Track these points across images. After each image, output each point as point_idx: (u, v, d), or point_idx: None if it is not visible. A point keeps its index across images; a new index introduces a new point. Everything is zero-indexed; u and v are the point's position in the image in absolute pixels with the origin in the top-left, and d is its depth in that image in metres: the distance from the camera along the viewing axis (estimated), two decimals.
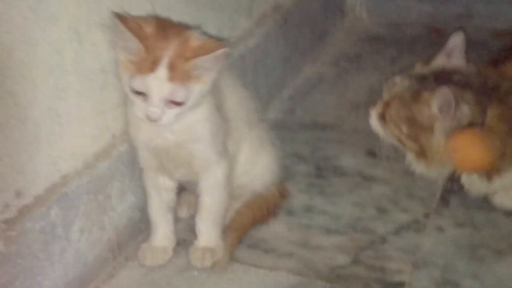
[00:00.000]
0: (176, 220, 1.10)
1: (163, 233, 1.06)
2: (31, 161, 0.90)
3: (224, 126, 1.02)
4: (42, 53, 0.89)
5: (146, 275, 1.03)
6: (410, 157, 1.13)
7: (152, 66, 0.87)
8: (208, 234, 1.05)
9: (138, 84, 0.89)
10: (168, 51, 0.88)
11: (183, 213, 1.14)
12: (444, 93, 1.02)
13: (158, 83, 0.88)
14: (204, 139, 0.98)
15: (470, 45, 1.74)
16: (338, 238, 1.09)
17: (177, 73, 0.88)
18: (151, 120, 0.90)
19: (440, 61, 1.15)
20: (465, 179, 1.13)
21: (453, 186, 1.17)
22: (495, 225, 1.10)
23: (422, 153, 1.09)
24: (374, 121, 1.15)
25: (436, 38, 1.77)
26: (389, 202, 1.17)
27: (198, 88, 0.91)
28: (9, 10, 0.83)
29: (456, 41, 1.15)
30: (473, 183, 1.12)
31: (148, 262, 1.05)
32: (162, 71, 0.88)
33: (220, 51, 0.89)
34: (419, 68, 1.15)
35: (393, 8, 1.89)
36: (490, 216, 1.12)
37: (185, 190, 1.13)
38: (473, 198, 1.15)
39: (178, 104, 0.90)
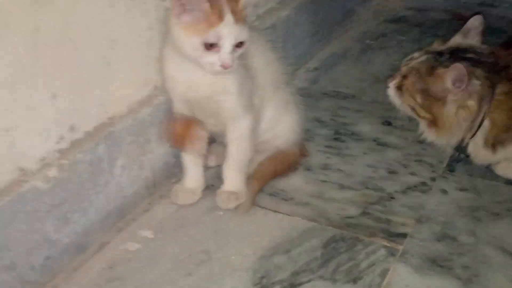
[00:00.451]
0: (206, 168, 1.22)
1: (193, 176, 1.18)
2: (84, 101, 1.03)
3: (250, 83, 1.13)
4: (99, 5, 1.01)
5: (177, 212, 1.16)
6: (423, 126, 1.23)
7: (220, 16, 0.98)
8: (233, 179, 1.17)
9: (213, 36, 0.99)
10: (222, 1, 0.99)
11: (212, 162, 1.26)
12: (458, 68, 1.12)
13: (229, 28, 0.99)
14: (231, 92, 1.08)
15: (491, 32, 1.83)
16: (350, 193, 1.20)
17: (238, 15, 1.00)
18: (226, 67, 1.00)
19: (456, 39, 1.24)
20: (471, 149, 1.23)
21: (460, 155, 1.26)
22: (495, 192, 1.19)
23: (434, 123, 1.19)
24: (392, 92, 1.25)
25: (458, 23, 1.86)
26: (399, 165, 1.28)
27: (247, 28, 1.02)
28: None
29: (475, 22, 1.24)
30: (479, 153, 1.22)
31: (179, 201, 1.18)
32: (229, 17, 0.99)
33: None
34: (437, 46, 1.25)
35: None
36: (492, 183, 1.22)
37: (215, 142, 1.24)
38: (477, 167, 1.24)
39: (240, 45, 1.01)
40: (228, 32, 1.00)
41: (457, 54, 1.19)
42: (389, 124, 1.40)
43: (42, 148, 0.97)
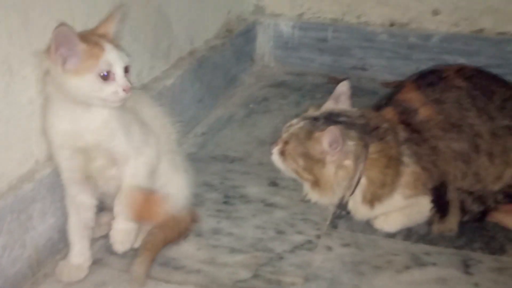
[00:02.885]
0: (93, 240, 1.19)
1: (79, 251, 1.15)
2: None
3: (139, 124, 1.14)
4: None
5: None
6: (306, 188, 1.29)
7: (100, 47, 1.02)
8: (125, 215, 1.13)
9: (104, 65, 1.01)
10: (94, 37, 1.04)
11: (99, 232, 1.23)
12: (332, 131, 1.20)
13: (114, 54, 1.03)
14: (118, 136, 1.09)
15: (363, 93, 1.99)
16: (241, 256, 1.22)
17: (114, 43, 1.04)
18: (128, 89, 1.03)
19: (329, 105, 1.33)
20: (351, 206, 1.30)
21: (341, 212, 1.34)
22: (376, 245, 1.27)
23: (316, 183, 1.26)
24: (275, 157, 1.30)
25: (333, 86, 1.99)
26: (286, 225, 1.32)
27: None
28: None
29: (343, 88, 1.34)
30: (358, 209, 1.30)
31: (65, 278, 1.13)
32: (108, 46, 1.03)
33: (118, 12, 1.09)
34: (312, 112, 1.33)
35: (297, 58, 2.09)
36: (372, 237, 1.29)
37: (103, 211, 1.22)
38: (358, 222, 1.32)
39: (127, 70, 1.05)
40: (115, 57, 1.03)
41: (331, 118, 1.27)
42: (275, 185, 1.46)
43: None
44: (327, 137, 1.20)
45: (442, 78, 1.39)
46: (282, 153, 1.28)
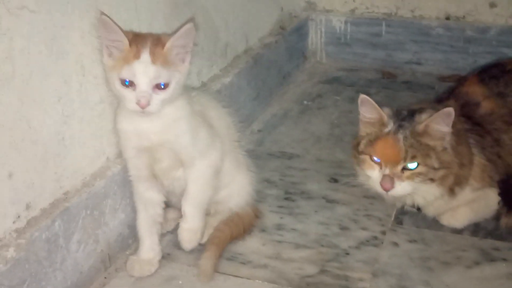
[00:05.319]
0: (161, 235, 1.21)
1: (149, 246, 1.17)
2: (40, 178, 1.02)
3: (206, 126, 1.15)
4: (53, 83, 1.02)
5: (134, 284, 1.14)
6: (434, 192, 1.21)
7: (136, 54, 1.01)
8: (192, 216, 1.16)
9: (126, 72, 1.01)
10: (147, 43, 1.03)
11: (167, 227, 1.25)
12: (449, 110, 1.15)
13: (143, 66, 1.01)
14: (184, 140, 1.10)
15: (418, 87, 1.97)
16: (307, 252, 1.23)
17: (158, 57, 1.02)
18: (142, 105, 1.01)
19: (379, 112, 1.26)
20: (422, 201, 1.25)
21: (414, 208, 1.29)
22: (443, 241, 1.25)
23: (448, 173, 1.18)
24: (403, 187, 1.18)
25: (388, 80, 1.98)
26: (350, 221, 1.32)
27: (176, 75, 1.05)
28: (27, 45, 0.96)
29: (367, 98, 1.27)
30: (433, 203, 1.24)
31: (136, 273, 1.16)
32: (145, 56, 1.02)
33: (187, 26, 1.05)
34: (375, 130, 1.25)
35: (350, 53, 2.08)
36: (438, 233, 1.27)
37: (170, 207, 1.24)
38: (422, 218, 1.30)
39: (162, 89, 1.03)
40: (142, 70, 1.02)
41: (405, 116, 1.23)
42: (336, 181, 1.46)
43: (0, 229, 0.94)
44: (444, 117, 1.16)
45: (506, 72, 1.37)
46: (414, 175, 1.18)
